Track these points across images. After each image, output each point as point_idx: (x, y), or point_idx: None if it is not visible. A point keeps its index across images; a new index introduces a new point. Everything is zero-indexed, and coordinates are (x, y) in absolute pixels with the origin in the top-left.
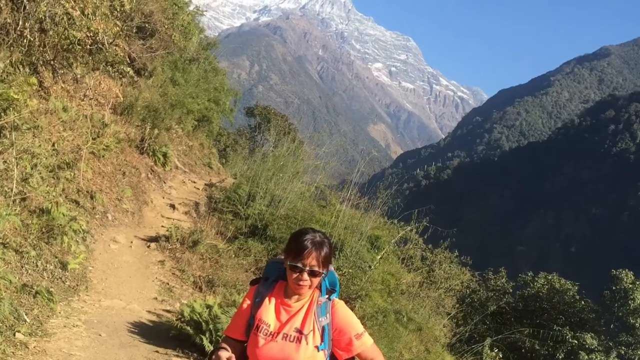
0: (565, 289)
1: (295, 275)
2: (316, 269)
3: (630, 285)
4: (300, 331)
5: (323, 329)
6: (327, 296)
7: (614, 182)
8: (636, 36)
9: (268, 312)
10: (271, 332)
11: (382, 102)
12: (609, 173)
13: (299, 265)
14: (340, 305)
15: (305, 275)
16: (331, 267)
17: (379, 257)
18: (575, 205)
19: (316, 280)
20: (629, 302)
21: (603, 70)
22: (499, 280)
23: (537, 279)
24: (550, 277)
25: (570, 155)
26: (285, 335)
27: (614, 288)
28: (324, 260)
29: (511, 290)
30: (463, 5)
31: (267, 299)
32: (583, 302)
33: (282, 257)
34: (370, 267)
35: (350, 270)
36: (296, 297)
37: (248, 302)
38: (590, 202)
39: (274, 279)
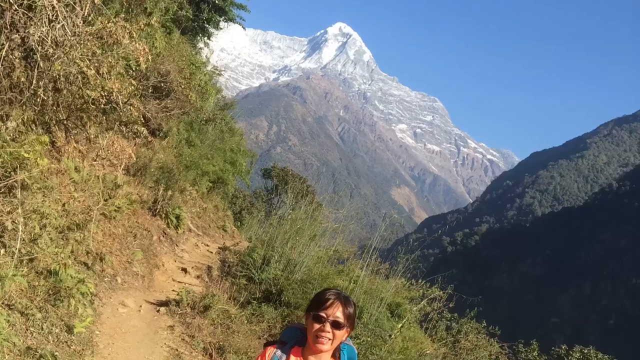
0: None
1: (317, 327)
2: (340, 320)
3: None
4: None
5: None
6: None
7: None
8: None
9: None
10: None
11: (406, 164)
12: None
13: (322, 314)
14: None
15: (328, 327)
16: (350, 342)
17: (399, 325)
18: (614, 275)
19: (339, 335)
20: None
21: None
22: (530, 354)
23: (572, 352)
24: (586, 351)
25: (608, 221)
26: None
27: None
28: (348, 316)
29: None
30: (493, 64)
31: None
32: None
33: (302, 322)
34: (390, 336)
35: (368, 339)
36: None
37: None
38: (630, 271)
39: (292, 345)
